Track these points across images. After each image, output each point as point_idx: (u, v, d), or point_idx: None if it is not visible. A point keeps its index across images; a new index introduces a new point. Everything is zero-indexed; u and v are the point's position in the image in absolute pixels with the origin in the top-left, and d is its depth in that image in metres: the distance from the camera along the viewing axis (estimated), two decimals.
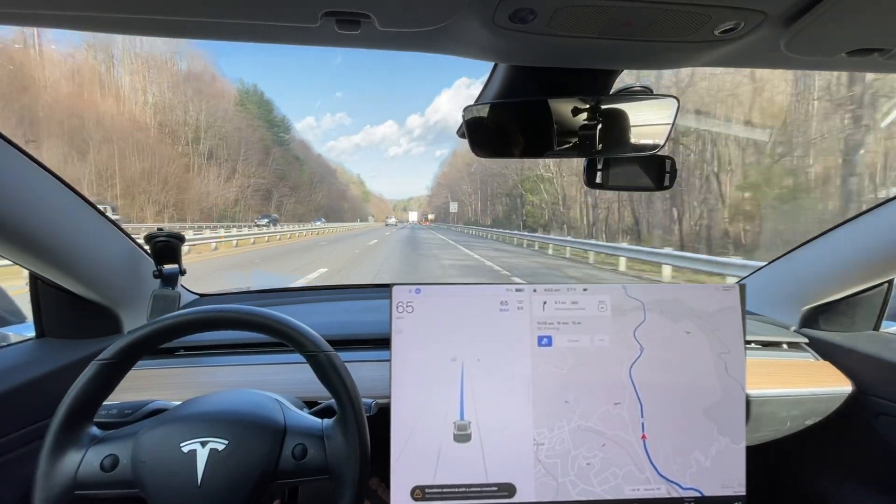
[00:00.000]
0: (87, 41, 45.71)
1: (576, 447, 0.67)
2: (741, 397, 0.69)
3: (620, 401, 0.67)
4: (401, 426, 0.65)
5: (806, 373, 0.93)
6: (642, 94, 0.67)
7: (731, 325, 0.70)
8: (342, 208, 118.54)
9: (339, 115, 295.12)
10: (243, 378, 0.87)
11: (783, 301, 1.06)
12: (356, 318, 1.07)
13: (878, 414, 0.87)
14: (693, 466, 0.67)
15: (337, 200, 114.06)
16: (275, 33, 0.49)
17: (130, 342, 0.54)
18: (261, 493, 0.54)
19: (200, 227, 29.64)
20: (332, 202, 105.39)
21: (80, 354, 0.83)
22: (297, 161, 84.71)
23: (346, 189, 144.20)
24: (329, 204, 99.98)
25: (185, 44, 50.29)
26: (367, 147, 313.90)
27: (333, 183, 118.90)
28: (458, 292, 0.68)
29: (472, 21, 0.47)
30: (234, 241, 17.44)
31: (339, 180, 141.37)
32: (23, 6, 0.44)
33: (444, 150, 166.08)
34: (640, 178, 0.75)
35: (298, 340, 0.57)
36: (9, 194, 0.63)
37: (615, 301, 0.69)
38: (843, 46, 0.51)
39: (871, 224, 0.86)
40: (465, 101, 0.75)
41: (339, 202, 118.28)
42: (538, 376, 0.67)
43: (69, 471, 0.51)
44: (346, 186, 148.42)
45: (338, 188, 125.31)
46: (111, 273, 0.86)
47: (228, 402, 0.59)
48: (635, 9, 0.44)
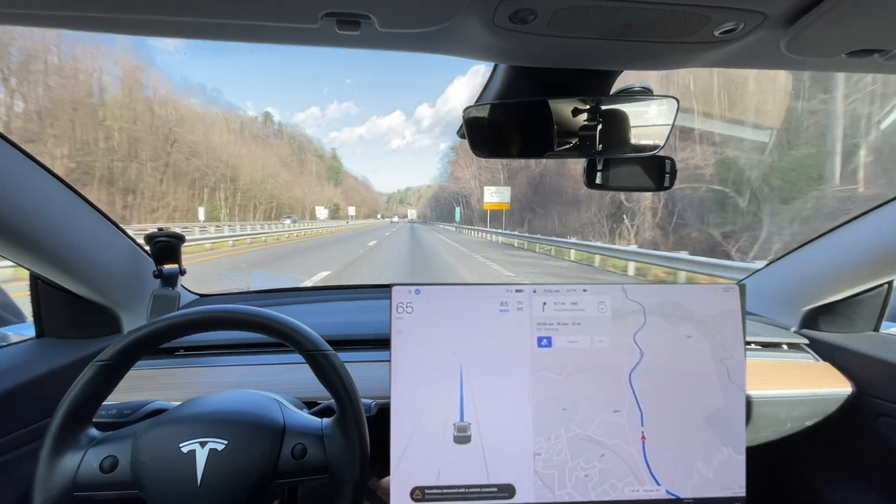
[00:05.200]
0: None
1: (573, 458, 0.65)
2: (743, 404, 0.68)
3: (620, 408, 0.66)
4: (400, 426, 0.65)
5: (806, 374, 0.93)
6: (642, 94, 0.67)
7: (733, 329, 0.69)
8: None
9: (346, 104, 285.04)
10: (243, 378, 0.87)
11: (783, 302, 1.06)
12: (356, 318, 1.07)
13: (878, 415, 0.86)
14: (695, 478, 0.66)
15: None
16: (275, 34, 0.49)
17: (129, 343, 0.54)
18: (260, 492, 0.54)
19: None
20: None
21: (79, 354, 0.83)
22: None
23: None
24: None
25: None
26: (371, 140, 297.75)
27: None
28: (458, 293, 0.67)
29: (472, 22, 0.47)
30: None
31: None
32: (23, 6, 0.44)
33: (448, 143, 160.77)
34: (641, 179, 0.75)
35: (298, 340, 0.57)
36: (9, 194, 0.63)
37: (615, 303, 0.68)
38: (842, 47, 0.51)
39: (871, 225, 0.86)
40: (480, 90, 0.75)
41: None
42: (536, 380, 0.66)
43: (68, 472, 0.51)
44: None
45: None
46: (111, 273, 0.86)
47: (227, 403, 0.59)
48: (635, 10, 0.44)
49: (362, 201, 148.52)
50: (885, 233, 0.83)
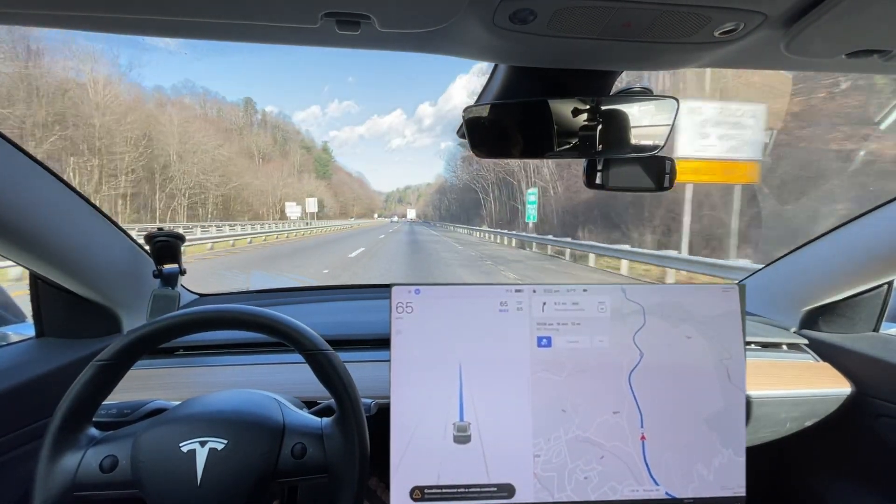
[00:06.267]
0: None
1: (573, 460, 0.65)
2: (743, 405, 0.68)
3: (619, 409, 0.66)
4: (400, 426, 0.65)
5: (806, 374, 0.93)
6: (642, 94, 0.67)
7: (732, 329, 0.69)
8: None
9: (346, 102, 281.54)
10: (243, 378, 0.87)
11: (783, 302, 1.06)
12: (356, 318, 1.07)
13: (877, 415, 0.86)
14: (695, 480, 0.66)
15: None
16: (275, 34, 0.49)
17: (129, 343, 0.54)
18: (260, 492, 0.54)
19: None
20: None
21: (79, 354, 0.83)
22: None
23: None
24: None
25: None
26: (371, 139, 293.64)
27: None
28: (458, 293, 0.67)
29: (472, 22, 0.47)
30: None
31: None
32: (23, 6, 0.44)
33: (450, 143, 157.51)
34: (641, 179, 0.75)
35: (298, 340, 0.57)
36: (9, 194, 0.63)
37: (614, 304, 0.68)
38: (843, 48, 0.51)
39: (871, 225, 0.86)
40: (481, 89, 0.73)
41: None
42: (536, 381, 0.66)
43: (68, 472, 0.51)
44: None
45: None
46: (111, 273, 0.86)
47: (227, 402, 0.59)
48: (635, 10, 0.44)
49: (355, 199, 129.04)
50: (885, 233, 0.83)
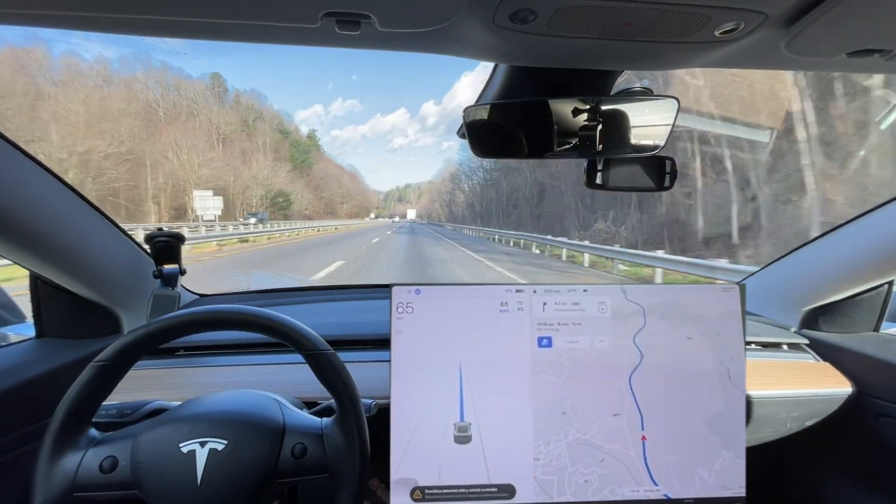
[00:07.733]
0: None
1: (573, 463, 0.65)
2: (743, 407, 0.68)
3: (620, 412, 0.66)
4: (400, 426, 0.65)
5: (806, 374, 0.93)
6: (642, 94, 0.67)
7: (733, 330, 0.68)
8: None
9: (350, 101, 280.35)
10: (243, 378, 0.87)
11: (783, 302, 1.06)
12: (356, 318, 1.07)
13: (878, 415, 0.86)
14: (696, 483, 0.66)
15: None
16: (275, 34, 0.49)
17: (128, 343, 0.53)
18: (260, 492, 0.54)
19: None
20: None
21: (79, 354, 0.83)
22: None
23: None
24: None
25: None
26: (373, 138, 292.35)
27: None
28: (458, 293, 0.67)
29: (472, 21, 0.47)
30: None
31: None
32: (23, 6, 0.44)
33: (453, 143, 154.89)
34: (641, 179, 0.75)
35: (298, 340, 0.57)
36: (10, 194, 0.63)
37: (615, 305, 0.68)
38: (843, 47, 0.51)
39: (872, 225, 0.86)
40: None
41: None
42: (536, 383, 0.66)
43: (68, 473, 0.51)
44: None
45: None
46: (111, 273, 0.86)
47: (227, 402, 0.59)
48: (635, 10, 0.44)
49: (345, 195, 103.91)
50: (885, 233, 0.83)
